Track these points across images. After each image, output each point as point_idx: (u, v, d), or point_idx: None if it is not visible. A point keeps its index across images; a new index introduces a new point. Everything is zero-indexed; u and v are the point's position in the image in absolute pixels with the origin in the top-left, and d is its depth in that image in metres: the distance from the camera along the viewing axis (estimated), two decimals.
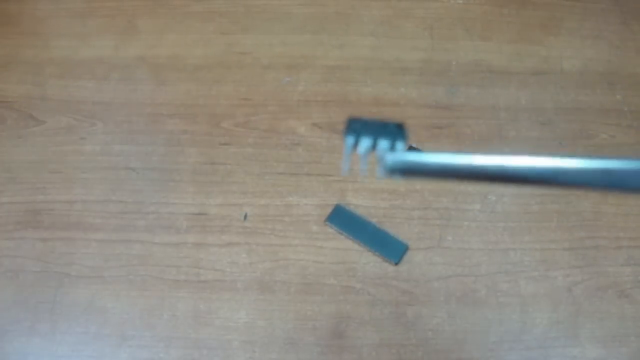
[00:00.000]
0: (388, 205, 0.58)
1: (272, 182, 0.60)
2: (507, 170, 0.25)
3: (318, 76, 0.66)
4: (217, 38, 0.70)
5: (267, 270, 0.55)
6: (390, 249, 0.55)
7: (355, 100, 0.64)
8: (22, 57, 0.69)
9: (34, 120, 0.64)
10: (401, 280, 0.54)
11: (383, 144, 0.27)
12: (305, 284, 0.54)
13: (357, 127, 0.27)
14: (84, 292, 0.54)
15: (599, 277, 0.54)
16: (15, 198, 0.59)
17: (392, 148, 0.26)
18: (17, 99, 0.66)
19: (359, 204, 0.58)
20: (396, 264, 0.55)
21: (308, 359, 0.51)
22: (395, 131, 0.27)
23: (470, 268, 0.55)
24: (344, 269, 0.55)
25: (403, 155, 0.26)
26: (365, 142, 0.27)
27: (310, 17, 0.71)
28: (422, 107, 0.64)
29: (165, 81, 0.67)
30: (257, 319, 0.53)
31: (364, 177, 0.59)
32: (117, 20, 0.72)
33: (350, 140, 0.27)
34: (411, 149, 0.60)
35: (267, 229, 0.57)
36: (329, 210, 0.57)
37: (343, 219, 0.57)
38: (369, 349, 0.51)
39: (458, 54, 0.68)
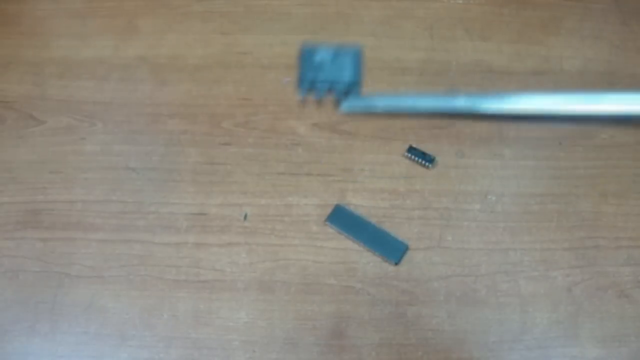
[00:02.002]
0: (388, 205, 0.58)
1: (272, 182, 0.60)
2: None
3: None
4: (217, 38, 0.70)
5: (267, 270, 0.55)
6: (390, 249, 0.55)
7: None
8: (22, 57, 0.69)
9: (34, 120, 0.64)
10: (401, 280, 0.54)
11: (339, 86, 0.26)
12: (305, 284, 0.54)
13: (311, 67, 0.26)
14: (84, 292, 0.54)
15: (598, 277, 0.54)
16: (15, 198, 0.59)
17: (348, 91, 0.26)
18: (17, 99, 0.66)
19: (359, 204, 0.58)
20: (396, 264, 0.55)
21: (308, 359, 0.51)
22: (350, 65, 0.26)
23: (470, 268, 0.55)
24: (344, 269, 0.55)
25: (357, 101, 0.26)
26: (320, 87, 0.26)
27: (310, 17, 0.71)
28: None
29: (165, 81, 0.67)
30: (257, 319, 0.53)
31: (364, 177, 0.59)
32: (117, 20, 0.72)
33: (303, 88, 0.26)
34: (411, 149, 0.60)
35: (267, 229, 0.57)
36: (329, 210, 0.57)
37: (343, 219, 0.57)
38: (369, 349, 0.51)
39: (458, 54, 0.68)
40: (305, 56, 0.25)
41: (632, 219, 0.57)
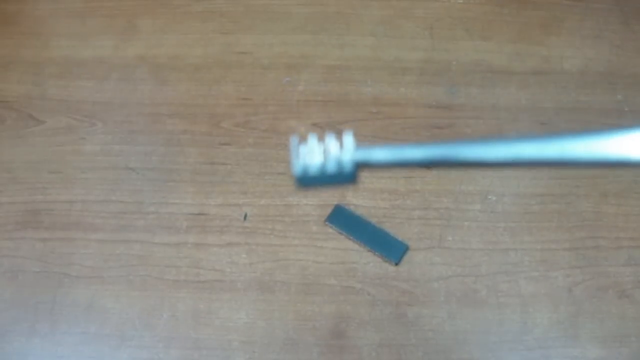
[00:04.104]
0: (388, 205, 0.58)
1: (272, 182, 0.60)
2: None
3: (318, 76, 0.66)
4: (217, 38, 0.70)
5: (267, 270, 0.55)
6: (390, 249, 0.55)
7: (355, 100, 0.64)
8: (22, 57, 0.69)
9: (34, 120, 0.64)
10: (401, 280, 0.54)
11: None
12: (305, 284, 0.54)
13: (307, 184, 0.27)
14: (84, 292, 0.54)
15: (599, 278, 0.54)
16: (15, 198, 0.59)
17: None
18: (17, 99, 0.66)
19: (359, 204, 0.58)
20: (396, 264, 0.54)
21: (308, 359, 0.51)
22: (348, 182, 0.26)
23: (471, 268, 0.55)
24: (344, 269, 0.55)
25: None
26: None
27: (310, 17, 0.71)
28: (422, 107, 0.64)
29: (165, 81, 0.67)
30: (257, 319, 0.53)
31: (364, 177, 0.59)
32: (117, 20, 0.72)
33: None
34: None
35: (267, 229, 0.57)
36: (329, 210, 0.57)
37: (343, 219, 0.57)
38: (369, 349, 0.51)
39: (458, 54, 0.68)
40: (301, 182, 0.26)
41: (633, 219, 0.57)
